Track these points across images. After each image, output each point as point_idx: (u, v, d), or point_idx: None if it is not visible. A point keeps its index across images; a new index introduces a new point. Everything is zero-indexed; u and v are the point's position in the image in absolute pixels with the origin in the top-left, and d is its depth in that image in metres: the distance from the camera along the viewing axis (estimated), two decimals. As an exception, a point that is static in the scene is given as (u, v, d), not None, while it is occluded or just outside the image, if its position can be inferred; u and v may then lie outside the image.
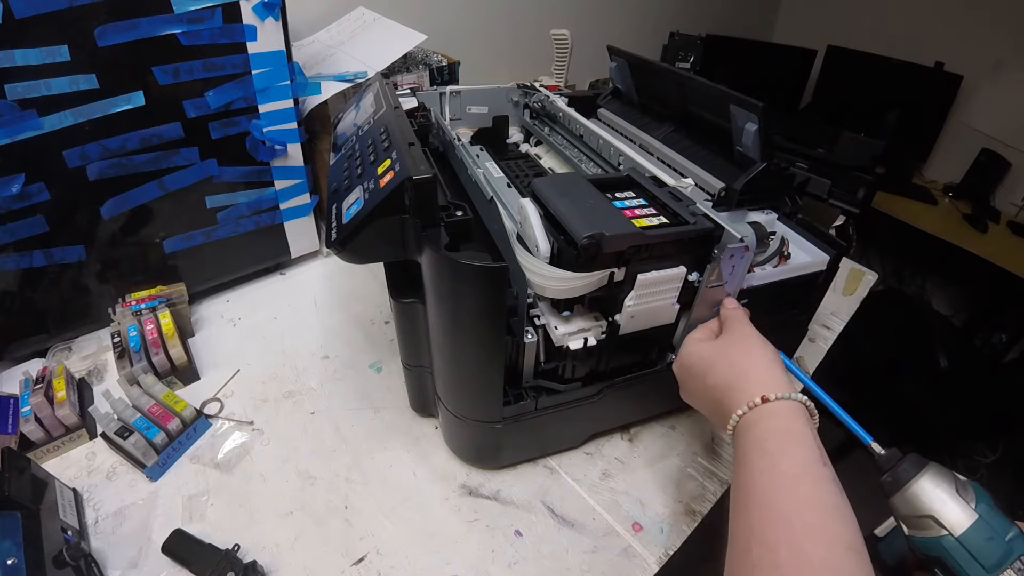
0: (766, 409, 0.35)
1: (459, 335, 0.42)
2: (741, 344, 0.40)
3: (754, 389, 0.36)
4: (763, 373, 0.37)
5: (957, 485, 0.31)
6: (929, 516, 0.31)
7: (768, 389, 0.36)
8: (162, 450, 0.52)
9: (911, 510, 0.32)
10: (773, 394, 0.35)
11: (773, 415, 0.35)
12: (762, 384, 0.36)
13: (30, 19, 0.50)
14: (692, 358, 0.43)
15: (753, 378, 0.37)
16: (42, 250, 0.59)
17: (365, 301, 0.76)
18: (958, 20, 1.82)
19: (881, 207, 1.70)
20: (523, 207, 0.43)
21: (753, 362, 0.39)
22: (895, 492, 0.32)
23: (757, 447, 0.34)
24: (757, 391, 0.36)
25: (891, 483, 0.33)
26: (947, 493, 0.31)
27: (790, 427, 0.34)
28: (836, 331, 0.74)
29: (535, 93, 0.78)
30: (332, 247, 0.40)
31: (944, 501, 0.31)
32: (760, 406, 0.35)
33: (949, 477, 0.32)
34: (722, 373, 0.39)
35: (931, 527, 0.30)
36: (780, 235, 0.52)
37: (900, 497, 0.32)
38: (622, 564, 0.46)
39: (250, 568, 0.43)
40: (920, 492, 0.31)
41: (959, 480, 0.32)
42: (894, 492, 0.33)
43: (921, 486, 0.32)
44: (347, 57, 0.85)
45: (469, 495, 0.51)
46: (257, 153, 0.68)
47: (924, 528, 0.31)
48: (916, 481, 0.32)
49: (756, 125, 0.50)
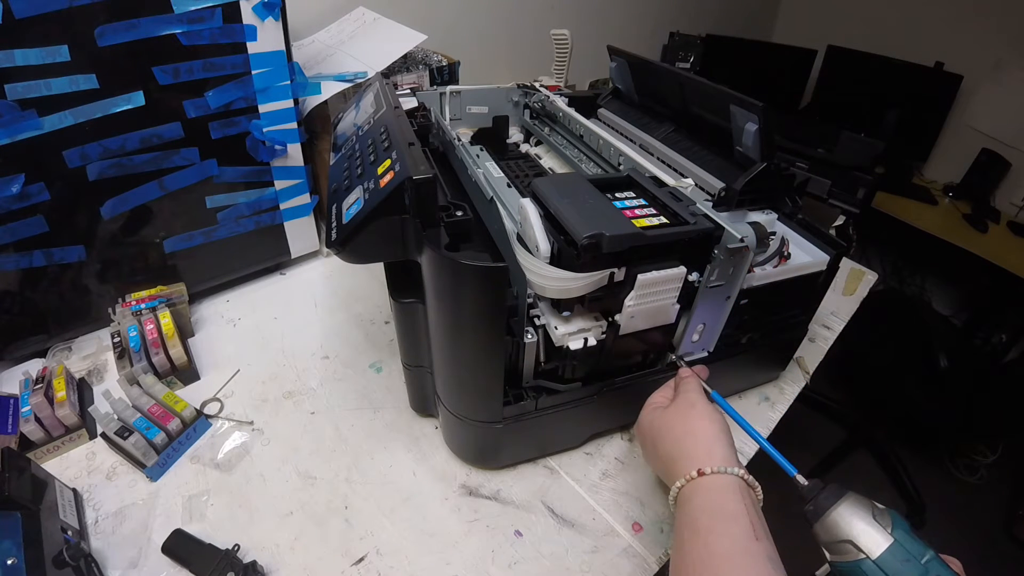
0: (700, 484, 0.36)
1: (459, 335, 0.42)
2: (685, 416, 0.41)
3: (691, 464, 0.37)
4: (702, 447, 0.38)
5: (875, 512, 0.33)
6: (847, 541, 0.32)
7: (704, 463, 0.36)
8: (162, 450, 0.52)
9: (831, 536, 0.33)
10: (708, 468, 0.36)
11: (707, 490, 0.36)
12: (699, 459, 0.37)
13: (30, 19, 0.50)
14: (644, 426, 0.44)
15: (692, 452, 0.38)
16: (42, 250, 0.59)
17: (365, 301, 0.76)
18: (958, 20, 1.82)
19: (881, 207, 1.70)
20: (523, 207, 0.43)
21: (695, 436, 0.39)
22: (816, 520, 0.34)
23: (690, 525, 0.35)
24: (694, 465, 0.37)
25: (812, 512, 0.34)
26: (864, 520, 0.32)
27: (724, 503, 0.34)
28: (836, 331, 0.74)
29: (535, 93, 0.78)
30: (332, 247, 0.40)
31: (861, 527, 0.32)
32: (696, 479, 0.36)
33: (866, 505, 0.33)
34: (667, 445, 0.40)
35: (850, 551, 0.32)
36: (780, 235, 0.52)
37: (821, 525, 0.34)
38: (622, 564, 0.46)
39: (250, 568, 0.43)
40: (839, 519, 0.33)
41: (877, 508, 0.33)
42: (815, 520, 0.34)
43: (840, 513, 0.33)
44: (347, 57, 0.85)
45: (469, 495, 0.51)
46: (257, 153, 0.68)
47: (844, 553, 0.32)
48: (835, 509, 0.33)
49: (756, 125, 0.50)
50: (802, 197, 0.56)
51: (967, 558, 0.32)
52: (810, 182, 0.62)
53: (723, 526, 0.33)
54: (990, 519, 1.44)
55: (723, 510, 0.34)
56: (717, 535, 0.33)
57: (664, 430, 0.41)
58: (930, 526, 1.39)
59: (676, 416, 0.42)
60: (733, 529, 0.33)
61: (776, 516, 0.37)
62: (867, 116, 1.80)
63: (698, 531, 0.34)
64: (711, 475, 0.36)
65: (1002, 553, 1.37)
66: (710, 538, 0.33)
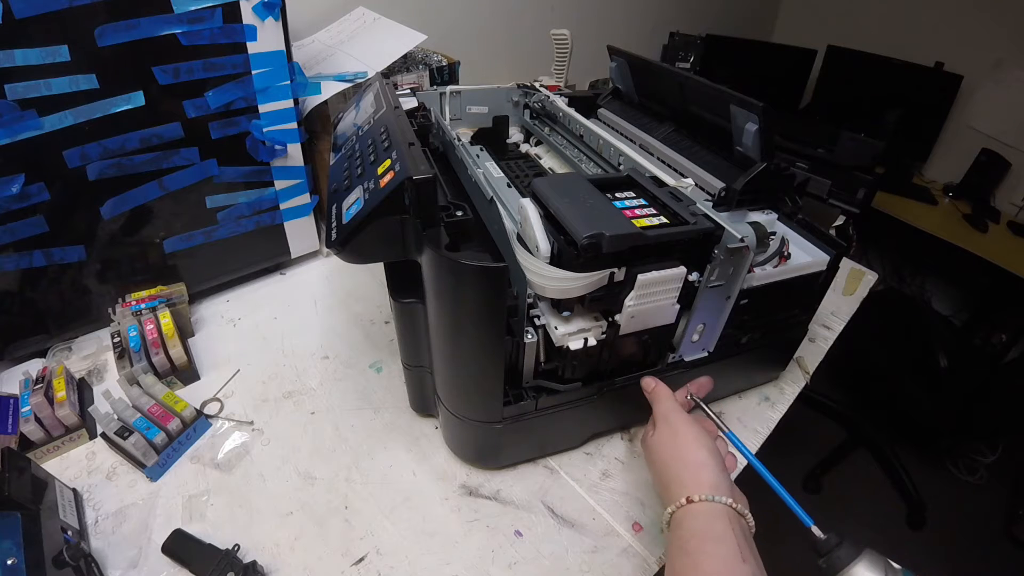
0: (689, 510, 0.37)
1: (459, 335, 0.42)
2: (672, 443, 0.42)
3: (682, 491, 0.38)
4: (689, 474, 0.39)
5: (888, 571, 0.33)
6: None
7: (693, 490, 0.38)
8: (162, 450, 0.52)
9: None
10: (697, 496, 0.37)
11: (695, 516, 0.37)
12: (688, 486, 0.38)
13: (30, 19, 0.50)
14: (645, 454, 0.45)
15: (681, 479, 0.39)
16: (42, 250, 0.59)
17: (365, 301, 0.76)
18: (958, 20, 1.82)
19: (881, 207, 1.70)
20: (523, 207, 0.43)
21: (683, 462, 0.40)
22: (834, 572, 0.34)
23: (680, 548, 0.36)
24: (684, 492, 0.38)
25: (827, 568, 0.34)
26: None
27: (712, 527, 0.36)
28: (836, 331, 0.74)
29: (535, 93, 0.78)
30: (332, 247, 0.40)
31: None
32: (685, 506, 0.37)
33: (881, 564, 0.33)
34: (659, 472, 0.42)
35: None
36: (780, 235, 0.52)
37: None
38: (622, 564, 0.46)
39: (250, 568, 0.43)
40: None
41: (892, 567, 0.33)
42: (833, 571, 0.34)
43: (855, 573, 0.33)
44: (347, 57, 0.85)
45: (469, 495, 0.51)
46: (257, 153, 0.68)
47: None
48: (851, 568, 0.33)
49: (756, 125, 0.50)
50: (802, 197, 0.56)
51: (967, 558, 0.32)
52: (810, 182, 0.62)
53: (711, 547, 0.35)
54: (990, 519, 1.44)
55: (711, 533, 0.35)
56: (705, 555, 0.34)
57: (654, 456, 0.43)
58: (930, 526, 1.38)
59: (661, 443, 0.43)
60: (720, 550, 0.34)
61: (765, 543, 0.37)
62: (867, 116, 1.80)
63: (688, 552, 0.35)
64: (699, 503, 0.37)
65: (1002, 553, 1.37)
66: (699, 559, 0.34)
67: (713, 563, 0.34)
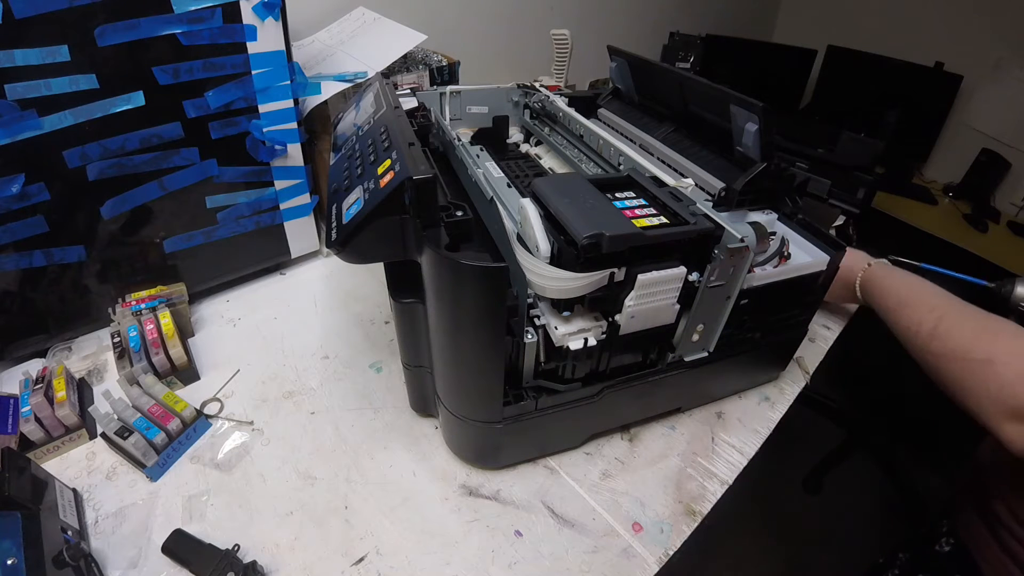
0: (871, 270, 0.66)
1: (459, 335, 0.42)
2: None
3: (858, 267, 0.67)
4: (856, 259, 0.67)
5: None
6: None
7: (864, 262, 0.67)
8: (162, 450, 0.52)
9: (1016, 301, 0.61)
10: (867, 263, 0.66)
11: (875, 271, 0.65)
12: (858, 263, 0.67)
13: (30, 19, 0.50)
14: None
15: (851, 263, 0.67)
16: (42, 250, 0.59)
17: (365, 301, 0.76)
18: (958, 20, 1.82)
19: (881, 207, 1.70)
20: (523, 207, 0.43)
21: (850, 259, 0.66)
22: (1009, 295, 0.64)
23: (877, 286, 0.64)
24: (862, 266, 0.66)
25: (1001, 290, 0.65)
26: None
27: (885, 271, 0.65)
28: (836, 331, 0.74)
29: (535, 93, 0.78)
30: (332, 247, 0.40)
31: None
32: (868, 269, 0.66)
33: None
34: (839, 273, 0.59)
35: None
36: (780, 235, 0.52)
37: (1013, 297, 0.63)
38: (622, 564, 0.46)
39: (250, 568, 0.43)
40: None
41: None
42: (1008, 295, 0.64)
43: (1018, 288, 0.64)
44: (347, 57, 0.85)
45: (469, 495, 0.51)
46: (257, 153, 0.68)
47: None
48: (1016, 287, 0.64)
49: (756, 125, 0.50)
50: (802, 197, 0.56)
51: (967, 558, 0.31)
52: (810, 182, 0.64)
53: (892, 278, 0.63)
54: (990, 519, 1.44)
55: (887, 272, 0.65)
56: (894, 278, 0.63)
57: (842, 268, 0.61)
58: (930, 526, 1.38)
59: None
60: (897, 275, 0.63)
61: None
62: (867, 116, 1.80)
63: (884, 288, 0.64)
64: (872, 266, 0.66)
65: (1002, 553, 1.36)
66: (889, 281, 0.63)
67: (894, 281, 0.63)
